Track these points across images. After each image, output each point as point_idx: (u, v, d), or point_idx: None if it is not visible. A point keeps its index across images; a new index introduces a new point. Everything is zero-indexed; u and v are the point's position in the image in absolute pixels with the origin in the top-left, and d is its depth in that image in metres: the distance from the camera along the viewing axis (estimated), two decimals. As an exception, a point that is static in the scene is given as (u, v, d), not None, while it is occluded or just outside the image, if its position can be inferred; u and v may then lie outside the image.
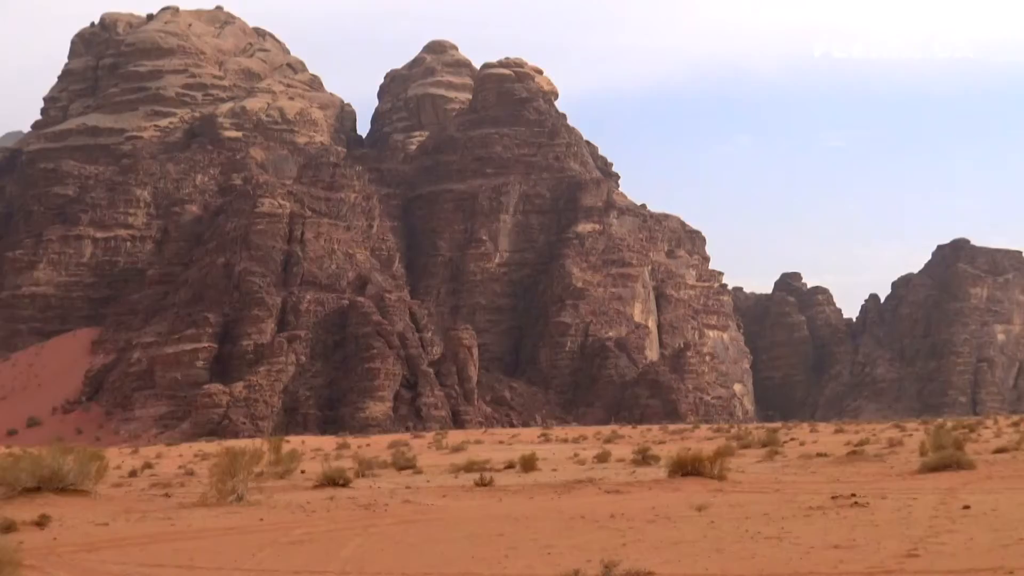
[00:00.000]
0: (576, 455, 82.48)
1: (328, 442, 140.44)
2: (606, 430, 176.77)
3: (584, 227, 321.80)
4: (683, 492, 40.88)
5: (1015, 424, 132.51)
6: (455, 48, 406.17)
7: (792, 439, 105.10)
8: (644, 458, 64.38)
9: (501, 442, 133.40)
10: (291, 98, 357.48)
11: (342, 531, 32.61)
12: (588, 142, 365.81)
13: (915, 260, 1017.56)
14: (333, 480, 49.07)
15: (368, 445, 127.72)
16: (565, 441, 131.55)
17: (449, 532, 31.68)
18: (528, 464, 61.92)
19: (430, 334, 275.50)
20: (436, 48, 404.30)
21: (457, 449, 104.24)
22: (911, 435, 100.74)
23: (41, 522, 34.81)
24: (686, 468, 47.02)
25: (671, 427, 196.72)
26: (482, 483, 48.10)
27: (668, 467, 48.94)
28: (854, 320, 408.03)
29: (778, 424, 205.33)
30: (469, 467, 63.31)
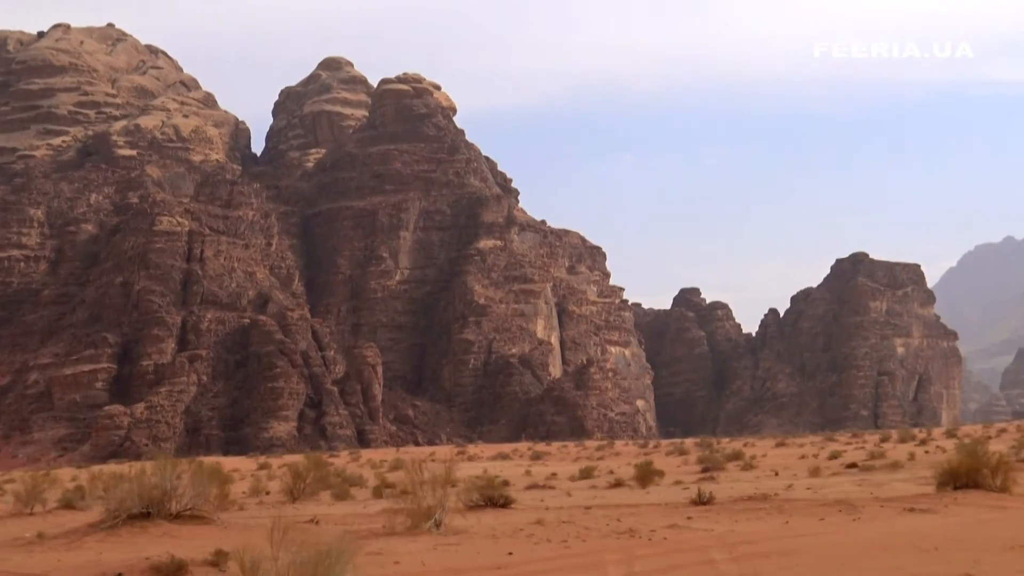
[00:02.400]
0: (584, 473, 74.86)
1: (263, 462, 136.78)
2: (523, 447, 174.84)
3: (485, 243, 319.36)
4: (1008, 510, 33.95)
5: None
6: (351, 65, 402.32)
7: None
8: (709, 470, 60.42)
9: (449, 460, 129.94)
10: (185, 116, 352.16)
11: (679, 570, 25.00)
12: (487, 158, 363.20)
13: (814, 275, 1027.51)
14: (491, 499, 41.63)
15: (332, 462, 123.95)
16: (506, 458, 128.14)
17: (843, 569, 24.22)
18: (645, 477, 57.75)
19: (332, 352, 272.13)
20: (331, 65, 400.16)
21: (394, 468, 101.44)
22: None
23: (216, 561, 26.79)
24: (960, 480, 39.10)
25: (588, 445, 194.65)
26: (700, 500, 39.97)
27: (938, 478, 40.11)
28: (753, 335, 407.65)
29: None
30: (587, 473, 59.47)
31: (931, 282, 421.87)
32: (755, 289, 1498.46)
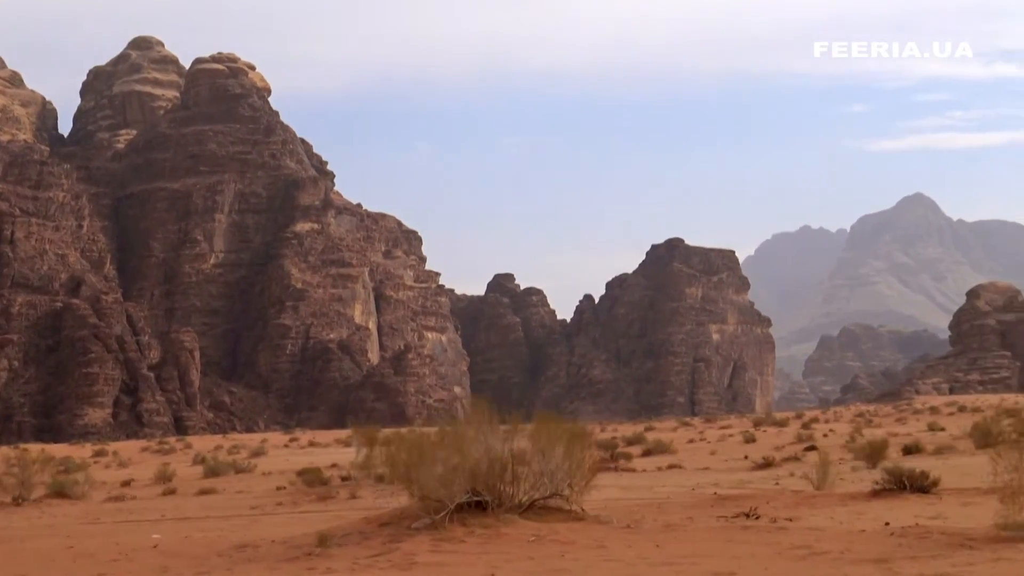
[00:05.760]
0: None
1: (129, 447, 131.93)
2: (343, 434, 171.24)
3: (302, 226, 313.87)
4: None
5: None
6: (161, 44, 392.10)
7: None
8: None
9: (286, 446, 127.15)
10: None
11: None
12: (303, 140, 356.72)
13: (632, 261, 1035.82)
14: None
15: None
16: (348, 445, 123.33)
17: None
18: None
19: (147, 337, 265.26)
20: (142, 44, 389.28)
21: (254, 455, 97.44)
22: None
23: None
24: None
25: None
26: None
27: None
28: (568, 321, 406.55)
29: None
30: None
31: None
32: (571, 275, 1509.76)
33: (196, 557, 25.02)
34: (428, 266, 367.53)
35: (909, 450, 56.85)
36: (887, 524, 25.83)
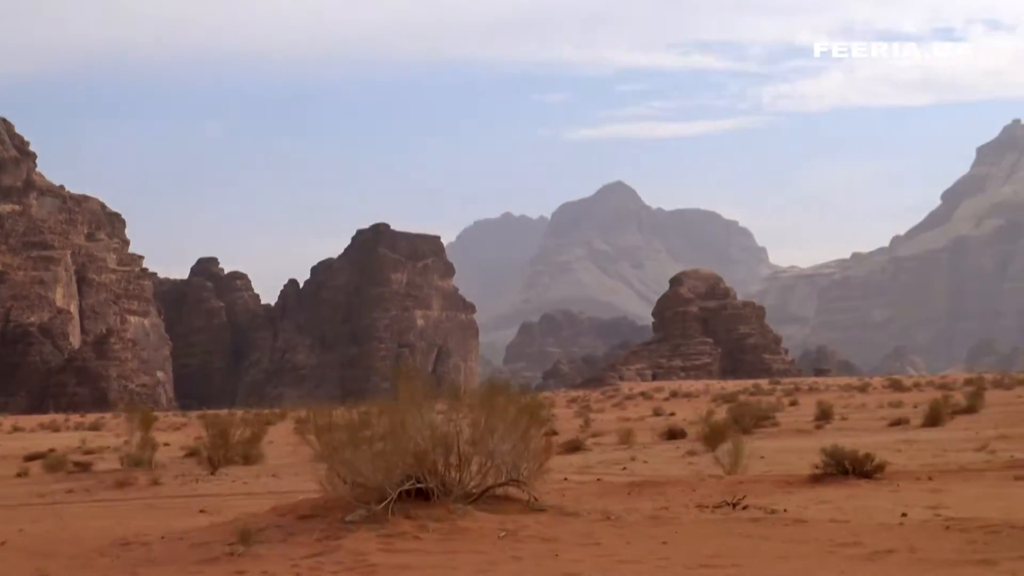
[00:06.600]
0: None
1: None
2: (47, 419, 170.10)
3: (3, 208, 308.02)
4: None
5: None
6: None
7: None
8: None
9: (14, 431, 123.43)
10: None
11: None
12: (3, 120, 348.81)
13: (336, 246, 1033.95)
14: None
15: None
16: (94, 429, 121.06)
17: None
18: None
19: None
20: None
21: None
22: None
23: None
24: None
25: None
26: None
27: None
28: (273, 306, 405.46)
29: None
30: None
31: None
32: (277, 260, 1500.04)
33: (74, 557, 21.44)
34: (131, 249, 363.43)
35: (673, 434, 56.01)
36: (904, 515, 22.81)
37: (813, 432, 57.32)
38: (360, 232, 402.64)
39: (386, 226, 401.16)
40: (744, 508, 24.35)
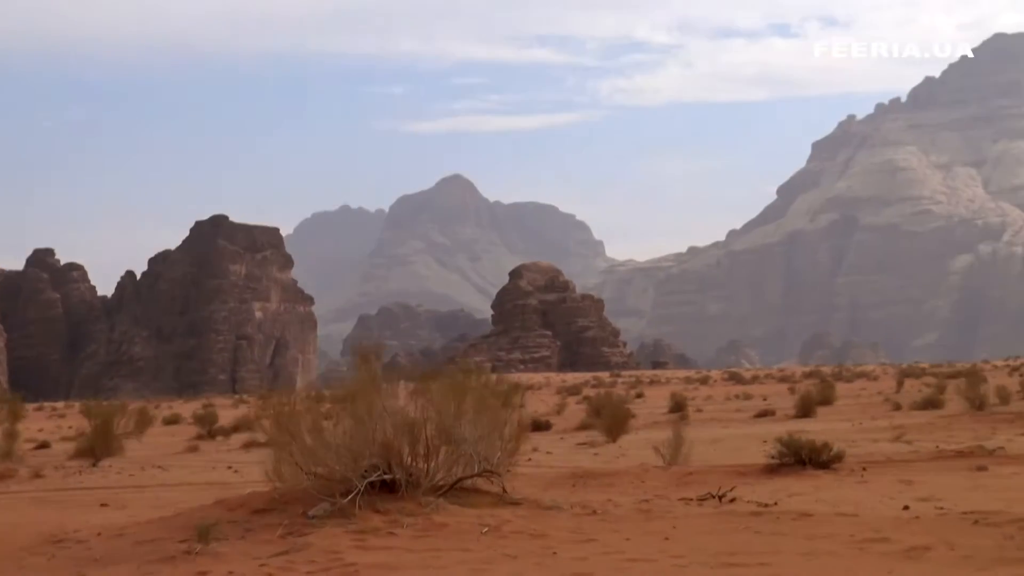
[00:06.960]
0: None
1: None
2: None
3: None
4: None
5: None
6: None
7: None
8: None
9: None
10: None
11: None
12: None
13: (174, 238, 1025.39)
14: None
15: None
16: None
17: None
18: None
19: None
20: None
21: None
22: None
23: None
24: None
25: None
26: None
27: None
28: (109, 297, 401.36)
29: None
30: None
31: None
32: (113, 251, 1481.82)
33: (2, 558, 19.71)
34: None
35: (538, 426, 55.17)
36: (906, 507, 22.23)
37: (670, 425, 50.77)
38: (198, 223, 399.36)
39: (224, 218, 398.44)
40: (732, 501, 23.43)
